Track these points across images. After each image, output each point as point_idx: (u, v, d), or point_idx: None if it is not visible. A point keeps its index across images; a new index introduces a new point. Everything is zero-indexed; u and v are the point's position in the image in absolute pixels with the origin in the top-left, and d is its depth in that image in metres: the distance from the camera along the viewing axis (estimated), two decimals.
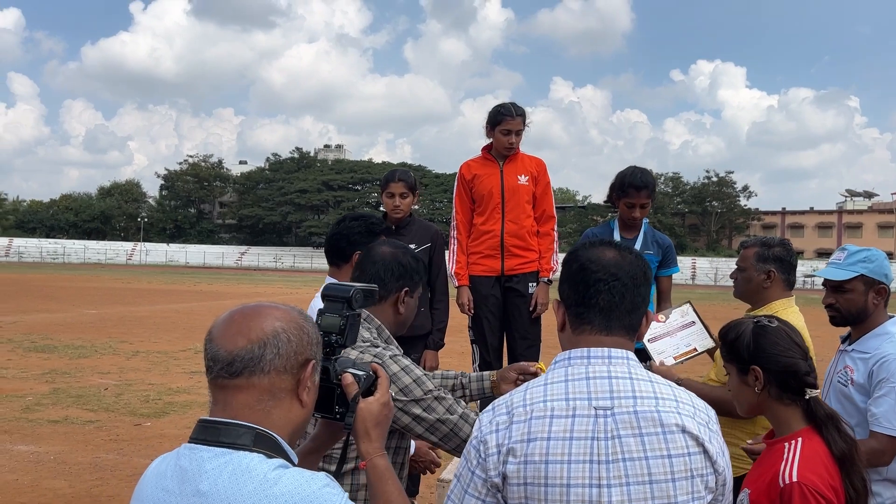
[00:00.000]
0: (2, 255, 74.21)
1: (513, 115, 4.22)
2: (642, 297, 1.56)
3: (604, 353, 1.50)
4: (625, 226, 3.99)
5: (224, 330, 1.30)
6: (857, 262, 2.67)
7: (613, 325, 1.53)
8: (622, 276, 1.54)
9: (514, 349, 4.26)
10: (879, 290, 2.67)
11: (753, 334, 2.07)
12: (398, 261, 2.18)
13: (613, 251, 1.58)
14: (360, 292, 1.59)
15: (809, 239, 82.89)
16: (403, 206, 4.12)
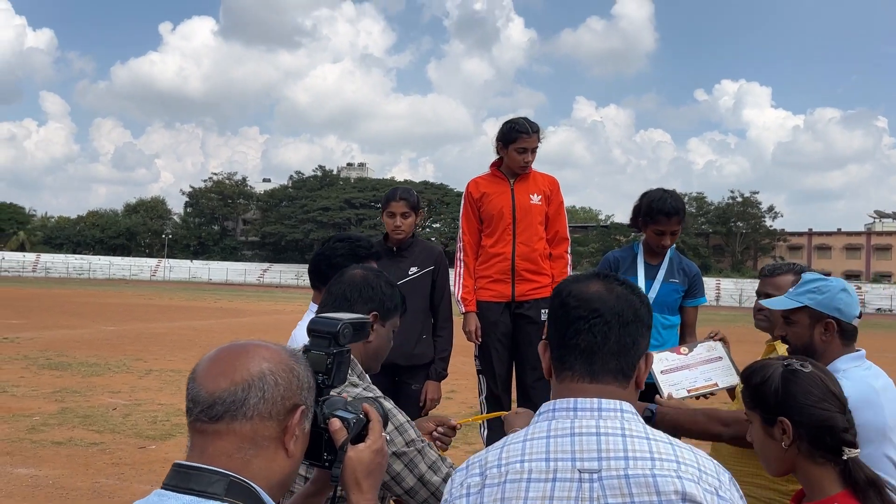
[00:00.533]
0: (29, 270, 75.22)
1: (528, 133, 3.98)
2: (633, 338, 1.35)
3: (593, 405, 1.30)
4: (650, 251, 3.72)
5: (207, 369, 1.21)
6: (805, 293, 2.39)
7: (597, 370, 1.33)
8: (605, 312, 1.34)
9: (523, 380, 4.02)
10: (827, 326, 2.36)
11: (783, 380, 1.81)
12: (368, 283, 2.00)
13: (599, 284, 1.39)
14: (348, 326, 1.42)
15: (837, 261, 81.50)
16: (405, 226, 3.90)
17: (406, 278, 3.86)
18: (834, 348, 2.39)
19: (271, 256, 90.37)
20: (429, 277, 3.92)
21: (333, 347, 1.38)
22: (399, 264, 3.89)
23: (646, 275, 3.66)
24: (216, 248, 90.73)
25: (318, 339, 1.40)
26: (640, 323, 1.36)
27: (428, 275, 3.92)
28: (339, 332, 1.40)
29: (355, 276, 2.04)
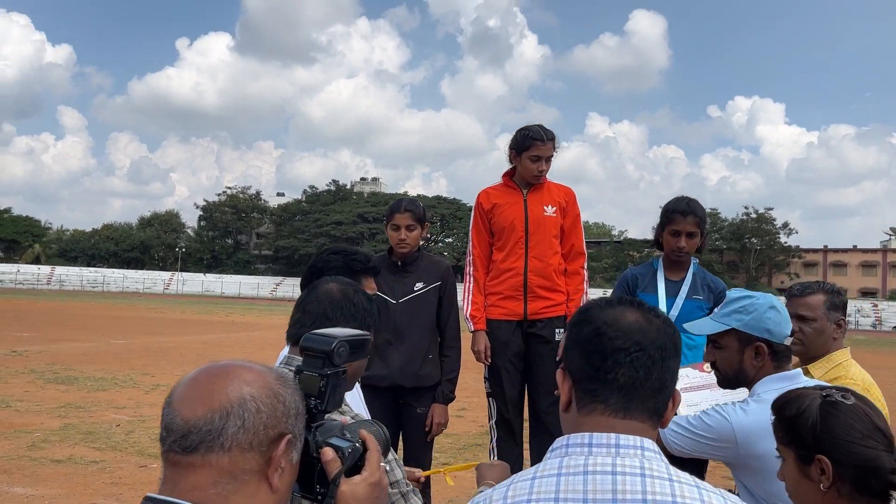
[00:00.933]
0: (44, 283, 75.66)
1: (543, 140, 3.77)
2: (671, 373, 1.26)
3: (610, 441, 1.19)
4: (671, 265, 3.50)
5: (184, 393, 1.11)
6: (731, 313, 2.19)
7: (633, 406, 1.22)
8: (647, 345, 1.23)
9: (536, 404, 3.79)
10: (758, 349, 2.15)
11: (821, 413, 1.60)
12: (348, 299, 1.83)
13: (637, 313, 1.28)
14: (344, 345, 1.28)
15: (853, 278, 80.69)
16: (410, 239, 3.69)
17: (411, 294, 3.68)
18: (766, 373, 2.19)
19: (284, 270, 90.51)
20: (435, 294, 3.72)
21: (328, 368, 1.24)
22: (404, 279, 3.71)
23: (667, 291, 3.45)
24: (229, 262, 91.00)
25: (311, 359, 1.27)
26: (676, 356, 1.27)
27: (434, 291, 3.72)
28: (334, 352, 1.25)
29: (332, 291, 1.87)
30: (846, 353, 2.73)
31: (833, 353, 2.71)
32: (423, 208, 3.83)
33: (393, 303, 3.67)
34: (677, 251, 3.43)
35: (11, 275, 75.21)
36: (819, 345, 2.70)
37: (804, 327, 2.69)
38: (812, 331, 2.69)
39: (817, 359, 2.72)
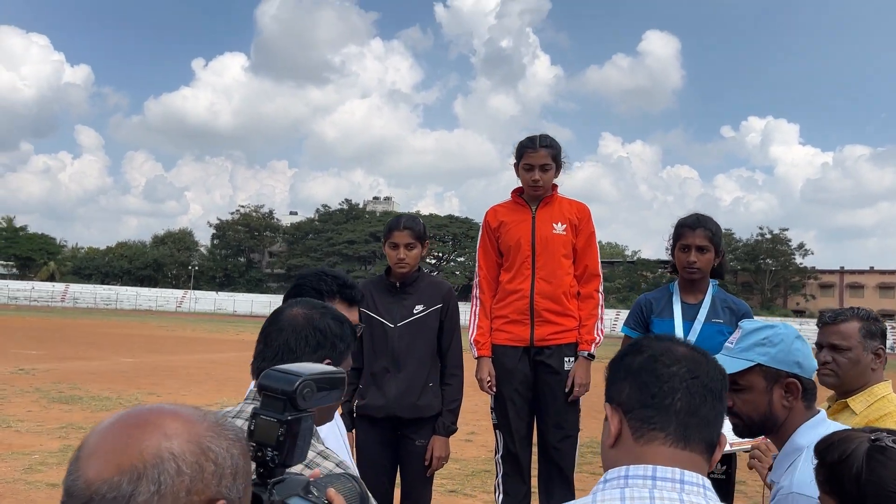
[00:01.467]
0: (58, 300, 76.01)
1: (534, 147, 3.56)
2: (724, 407, 1.25)
3: (675, 476, 1.15)
4: (687, 287, 3.27)
5: (94, 447, 0.89)
6: (753, 347, 1.90)
7: (692, 436, 1.19)
8: (702, 375, 1.23)
9: (545, 439, 3.54)
10: (789, 386, 1.86)
11: (868, 459, 1.39)
12: (313, 325, 1.65)
13: (687, 347, 1.29)
14: (310, 384, 1.08)
15: (870, 299, 79.65)
16: (409, 258, 3.46)
17: (410, 318, 3.46)
18: (797, 416, 1.89)
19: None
20: (436, 317, 3.48)
21: (289, 412, 1.05)
22: (402, 302, 3.48)
23: (684, 315, 3.23)
24: (242, 280, 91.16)
25: (271, 400, 1.07)
26: (725, 403, 1.27)
27: (435, 314, 3.48)
28: (298, 393, 1.05)
29: (296, 317, 1.68)
30: (888, 385, 2.50)
31: (873, 385, 2.48)
32: (424, 225, 3.61)
33: (391, 327, 3.46)
34: (688, 267, 3.23)
35: (26, 292, 75.63)
36: (855, 376, 2.48)
37: (838, 357, 2.46)
38: (847, 361, 2.46)
39: (854, 392, 2.49)
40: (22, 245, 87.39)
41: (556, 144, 3.65)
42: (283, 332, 1.66)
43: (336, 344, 1.67)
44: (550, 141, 3.63)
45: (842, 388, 2.51)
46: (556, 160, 3.63)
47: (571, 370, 3.51)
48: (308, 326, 1.66)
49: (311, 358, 1.63)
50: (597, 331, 3.54)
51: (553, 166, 3.61)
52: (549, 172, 3.59)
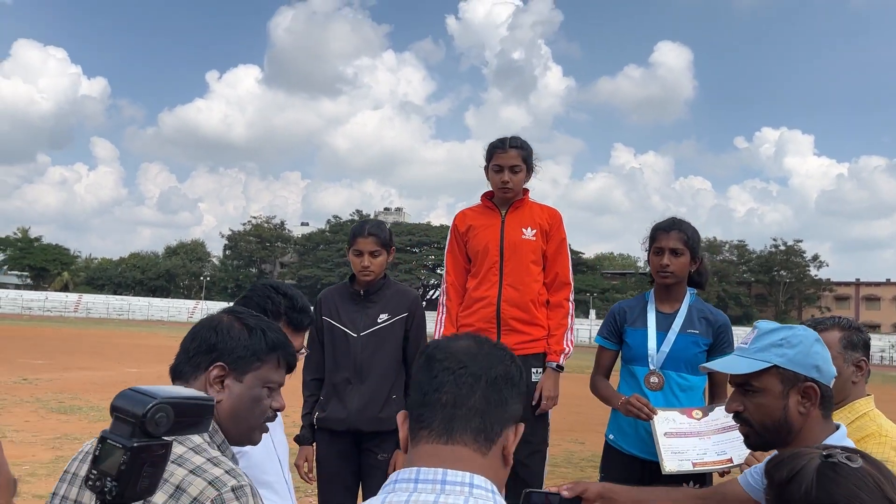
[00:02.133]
0: (71, 310, 76.47)
1: (504, 148, 3.43)
2: (501, 397, 1.21)
3: (437, 477, 1.12)
4: (663, 295, 3.15)
5: None
6: (770, 347, 1.78)
7: (457, 427, 1.17)
8: (472, 365, 1.21)
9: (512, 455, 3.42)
10: (806, 391, 1.74)
11: (820, 477, 1.28)
12: (214, 327, 1.59)
13: (470, 341, 1.28)
14: (164, 409, 0.97)
15: (886, 312, 78.82)
16: (374, 266, 3.35)
17: (374, 327, 3.35)
18: (814, 426, 1.76)
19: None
20: (402, 326, 3.38)
21: (136, 439, 0.94)
22: (366, 310, 3.37)
23: (658, 325, 3.10)
24: None
25: (119, 423, 0.96)
26: (510, 384, 1.23)
27: (401, 323, 3.38)
28: (148, 417, 0.95)
29: (208, 321, 1.65)
30: (870, 401, 2.35)
31: (855, 401, 2.34)
32: (390, 231, 3.50)
33: (353, 336, 3.35)
34: (661, 271, 3.10)
35: (40, 302, 76.17)
36: (835, 390, 2.34)
37: None
38: None
39: (835, 407, 2.35)
40: (36, 256, 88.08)
41: (527, 146, 3.53)
42: (187, 336, 1.64)
43: (235, 349, 1.59)
44: (521, 142, 3.51)
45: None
46: (527, 162, 3.51)
47: (539, 382, 3.38)
48: (208, 328, 1.62)
49: (202, 361, 1.59)
50: (566, 341, 3.42)
51: (523, 168, 3.48)
52: (519, 175, 3.47)
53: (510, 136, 3.52)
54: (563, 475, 7.88)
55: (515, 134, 3.53)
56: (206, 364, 1.58)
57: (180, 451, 1.44)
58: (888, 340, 62.13)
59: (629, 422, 3.00)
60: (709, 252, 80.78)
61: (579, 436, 11.03)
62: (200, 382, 1.58)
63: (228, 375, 1.58)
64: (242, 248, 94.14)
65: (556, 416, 3.49)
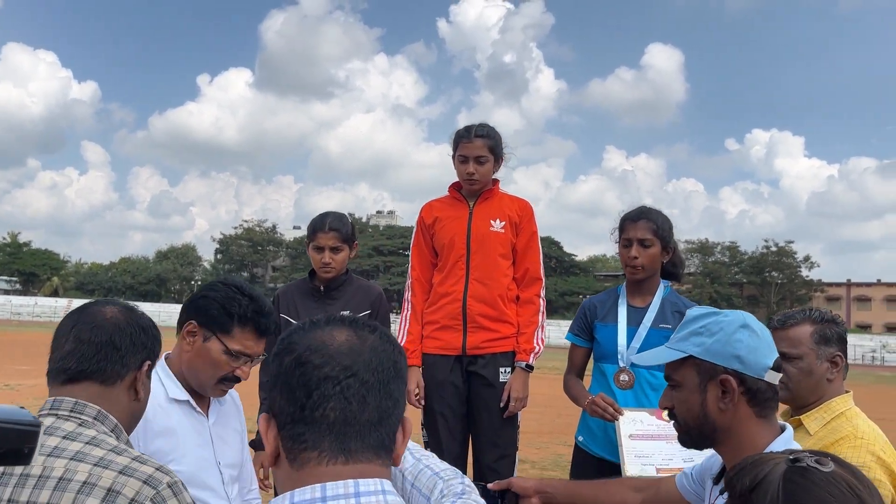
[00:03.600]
0: (61, 315, 76.00)
1: (468, 137, 3.28)
2: (394, 399, 1.07)
3: (349, 490, 1.01)
4: (634, 289, 3.01)
5: None
6: (690, 336, 1.62)
7: (354, 447, 1.03)
8: (360, 369, 1.05)
9: (480, 459, 3.22)
10: (723, 384, 1.57)
11: (786, 483, 1.13)
12: (138, 324, 1.60)
13: (347, 331, 1.09)
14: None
15: (877, 312, 79.10)
16: (335, 262, 3.21)
17: None
18: (747, 426, 1.58)
19: None
20: None
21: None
22: (327, 307, 3.22)
23: (629, 320, 2.96)
24: None
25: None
26: (400, 380, 1.10)
27: None
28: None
29: (116, 315, 1.64)
30: (847, 399, 2.21)
31: (831, 400, 2.20)
32: (352, 225, 3.35)
33: None
34: (630, 263, 2.96)
35: (29, 307, 75.69)
36: (808, 389, 2.18)
37: (788, 367, 2.16)
38: (797, 371, 2.17)
39: (809, 407, 2.21)
40: (26, 260, 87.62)
41: (494, 134, 3.38)
42: (104, 329, 1.56)
43: (154, 347, 1.64)
44: (488, 130, 3.36)
45: (795, 403, 2.24)
46: (494, 152, 3.36)
47: (508, 383, 3.23)
48: (133, 325, 1.60)
49: (134, 357, 1.57)
50: (536, 339, 3.27)
51: (490, 158, 3.34)
52: (485, 165, 3.32)
53: (482, 123, 3.40)
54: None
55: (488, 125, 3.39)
56: (140, 361, 1.60)
57: (99, 453, 1.41)
58: (879, 341, 62.27)
59: (598, 423, 2.88)
60: (701, 253, 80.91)
61: (568, 438, 10.87)
62: (128, 380, 1.58)
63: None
64: (234, 252, 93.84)
65: (546, 419, 3.35)
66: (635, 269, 2.98)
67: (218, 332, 2.01)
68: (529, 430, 11.70)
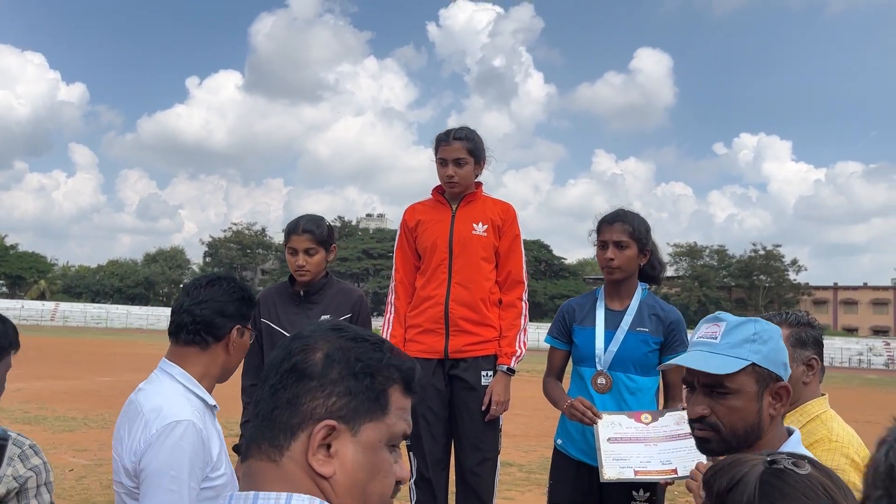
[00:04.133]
0: (48, 318, 75.44)
1: (447, 140, 3.29)
2: (292, 394, 1.06)
3: (248, 500, 1.03)
4: (612, 292, 3.01)
5: None
6: (744, 343, 1.62)
7: (262, 444, 1.07)
8: (270, 371, 1.14)
9: (462, 463, 3.22)
10: (779, 392, 1.64)
11: (762, 486, 1.13)
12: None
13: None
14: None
15: (864, 315, 79.60)
16: (310, 265, 3.17)
17: None
18: (776, 430, 1.64)
19: None
20: None
21: None
22: (307, 312, 3.19)
23: (606, 323, 2.96)
24: None
25: None
26: (301, 375, 1.07)
27: None
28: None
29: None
30: (823, 402, 2.23)
31: (807, 403, 2.22)
32: (329, 227, 3.29)
33: None
34: (606, 265, 2.97)
35: (16, 311, 74.97)
36: None
37: None
38: None
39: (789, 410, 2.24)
40: (12, 263, 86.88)
41: (474, 137, 3.38)
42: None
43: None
44: (466, 133, 3.36)
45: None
46: (474, 154, 3.36)
47: (489, 386, 3.23)
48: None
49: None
50: (518, 343, 3.27)
51: (470, 161, 3.34)
52: (465, 167, 3.33)
53: (463, 126, 3.40)
54: (538, 481, 7.76)
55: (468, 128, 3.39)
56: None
57: None
58: (866, 344, 62.64)
59: (576, 426, 2.88)
60: (689, 257, 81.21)
61: None
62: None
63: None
64: (223, 255, 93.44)
65: (535, 422, 3.37)
66: (611, 271, 2.98)
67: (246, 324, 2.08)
68: (517, 433, 11.69)
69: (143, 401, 1.97)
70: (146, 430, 1.82)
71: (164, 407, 1.88)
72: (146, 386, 2.04)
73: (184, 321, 2.00)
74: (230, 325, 1.98)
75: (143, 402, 1.96)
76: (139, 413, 1.93)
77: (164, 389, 1.98)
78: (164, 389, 1.98)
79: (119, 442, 1.93)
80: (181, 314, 2.02)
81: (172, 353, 2.06)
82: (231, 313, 1.99)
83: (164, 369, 2.04)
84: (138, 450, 1.80)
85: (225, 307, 1.99)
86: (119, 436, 1.95)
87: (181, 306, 2.03)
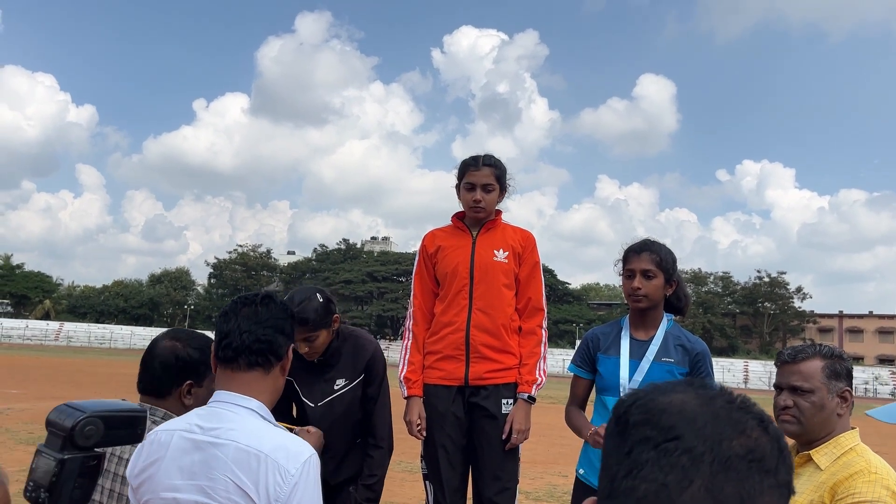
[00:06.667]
0: (52, 339, 75.46)
1: (477, 165, 3.29)
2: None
3: None
4: (637, 321, 2.99)
5: None
6: None
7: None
8: None
9: (481, 492, 3.16)
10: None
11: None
12: (176, 355, 2.19)
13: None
14: (94, 422, 1.06)
15: (870, 344, 79.18)
16: (314, 348, 3.00)
17: (332, 395, 3.07)
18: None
19: None
20: (360, 388, 3.10)
21: (66, 452, 1.00)
22: (323, 377, 3.08)
23: (632, 352, 2.94)
24: None
25: (52, 437, 1.04)
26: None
27: (359, 386, 3.09)
28: (77, 430, 1.02)
29: (165, 348, 1.99)
30: (855, 435, 2.21)
31: (839, 435, 2.21)
32: (327, 301, 3.04)
33: (311, 407, 3.08)
34: (633, 294, 2.95)
35: (20, 330, 75.11)
36: (819, 423, 2.19)
37: (800, 401, 2.18)
38: (810, 405, 2.17)
39: (818, 442, 2.22)
40: (18, 283, 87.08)
41: (501, 165, 3.39)
42: (155, 359, 2.07)
43: (198, 367, 2.10)
44: (495, 161, 3.37)
45: (804, 438, 2.24)
46: (500, 182, 3.37)
47: (510, 414, 3.19)
48: (172, 356, 2.07)
49: (175, 381, 2.03)
50: (539, 371, 3.24)
51: (496, 188, 3.35)
52: (491, 193, 3.33)
53: (488, 154, 3.40)
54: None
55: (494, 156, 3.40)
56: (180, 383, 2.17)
57: None
58: (872, 373, 62.24)
59: (599, 455, 2.82)
60: (694, 283, 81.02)
61: (563, 468, 10.81)
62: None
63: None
64: (228, 276, 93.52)
65: (541, 449, 3.34)
66: (638, 299, 2.97)
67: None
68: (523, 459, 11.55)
69: (253, 442, 1.69)
70: (281, 472, 1.64)
71: (286, 444, 1.70)
72: (233, 425, 1.73)
73: (245, 342, 1.77)
74: (288, 344, 1.84)
75: (253, 444, 1.69)
76: (257, 456, 1.67)
77: (258, 425, 1.74)
78: (258, 425, 1.74)
79: (226, 489, 1.65)
80: (240, 336, 1.77)
81: (230, 380, 1.79)
82: (289, 332, 1.85)
83: (238, 403, 1.76)
84: (280, 496, 1.61)
85: (284, 325, 1.84)
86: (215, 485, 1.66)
87: (238, 328, 1.79)
